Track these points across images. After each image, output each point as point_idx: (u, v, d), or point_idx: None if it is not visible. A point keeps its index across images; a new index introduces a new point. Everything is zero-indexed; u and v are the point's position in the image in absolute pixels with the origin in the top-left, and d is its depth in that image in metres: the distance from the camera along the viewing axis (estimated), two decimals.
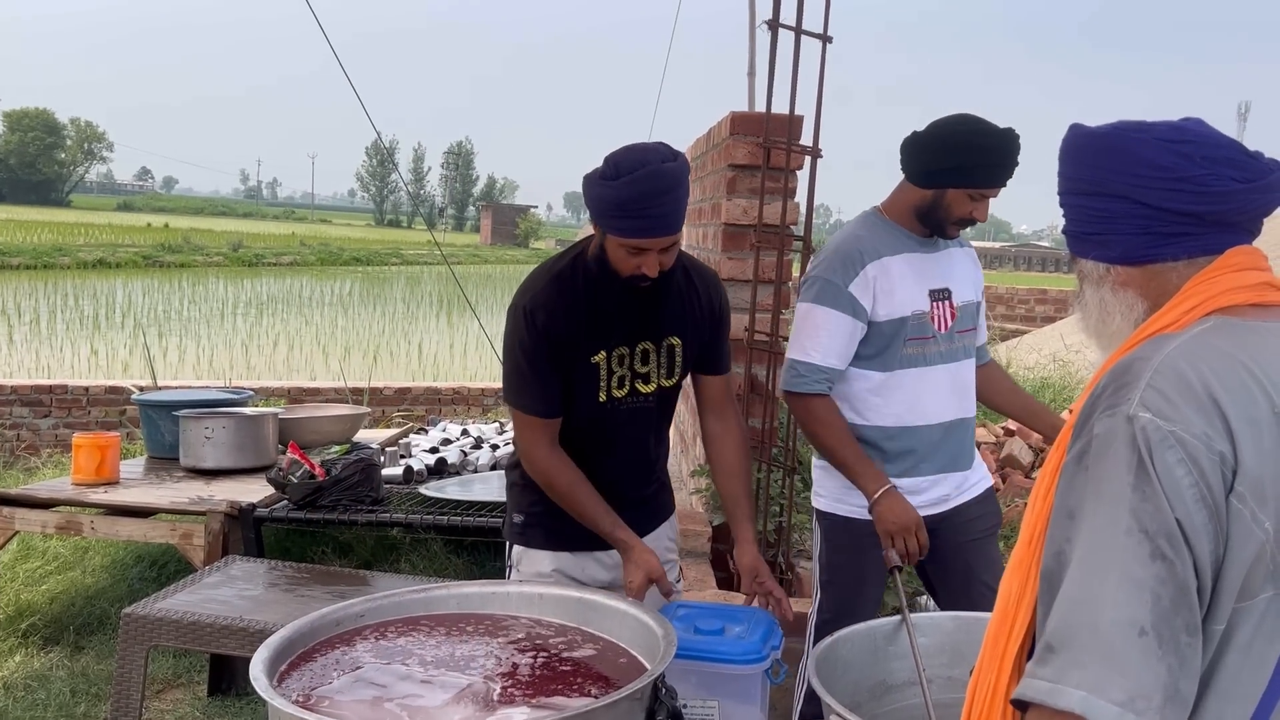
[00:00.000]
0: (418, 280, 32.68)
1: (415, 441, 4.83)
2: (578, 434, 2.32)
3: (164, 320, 18.23)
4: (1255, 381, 1.03)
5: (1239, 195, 1.13)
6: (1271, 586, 1.00)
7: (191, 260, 34.48)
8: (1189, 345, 1.07)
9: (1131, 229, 1.17)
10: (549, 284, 2.25)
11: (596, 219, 2.14)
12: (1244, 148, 1.16)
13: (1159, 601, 0.96)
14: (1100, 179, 1.19)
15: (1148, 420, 1.00)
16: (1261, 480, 0.99)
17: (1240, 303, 1.13)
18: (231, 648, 2.84)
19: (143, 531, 3.76)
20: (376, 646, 1.86)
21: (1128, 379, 1.06)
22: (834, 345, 2.45)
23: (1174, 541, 0.97)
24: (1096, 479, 1.02)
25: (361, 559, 4.34)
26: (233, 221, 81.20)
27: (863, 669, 2.05)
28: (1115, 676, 0.95)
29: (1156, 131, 1.16)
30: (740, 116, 3.57)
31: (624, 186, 2.04)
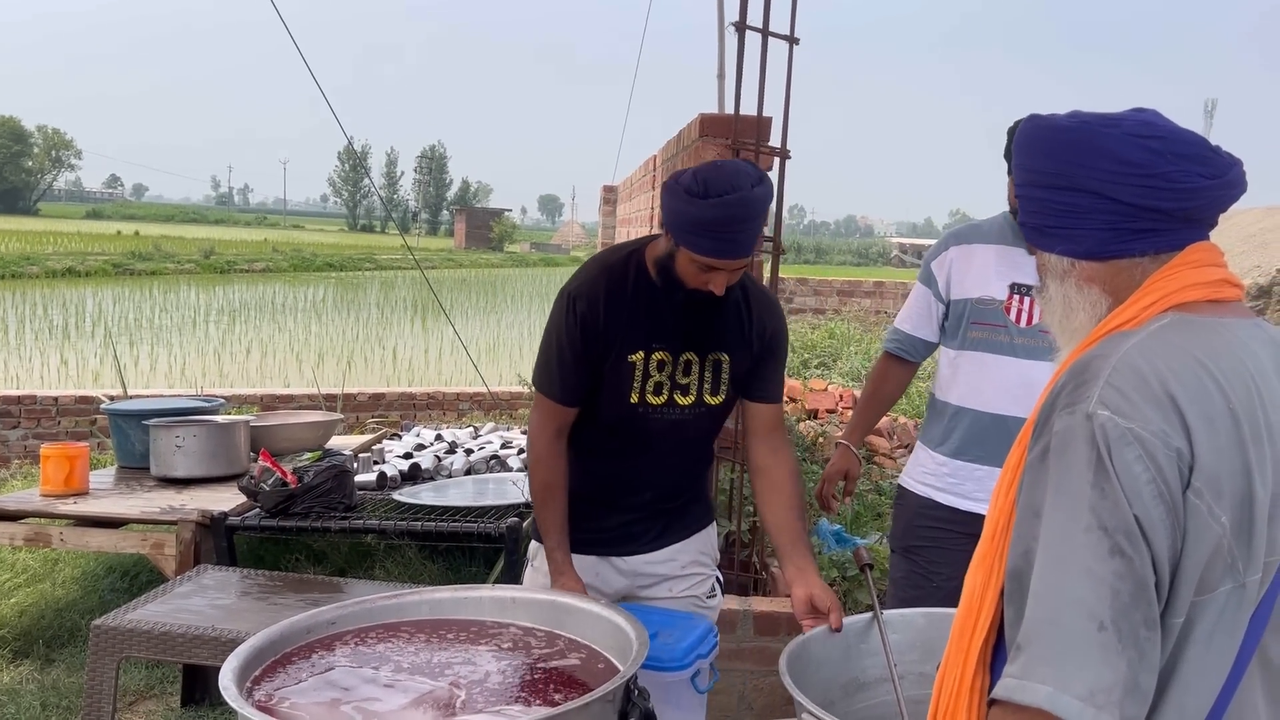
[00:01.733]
0: (392, 285, 32.51)
1: (389, 447, 4.81)
2: (608, 433, 2.30)
3: (135, 329, 18.04)
4: (1211, 378, 1.04)
5: (1206, 192, 1.14)
6: (1230, 579, 1.01)
7: (162, 268, 34.11)
8: (1147, 342, 1.08)
9: (1098, 224, 1.17)
10: (598, 274, 2.24)
11: (672, 231, 2.10)
12: (1207, 142, 1.17)
13: (1118, 597, 0.97)
14: (1067, 173, 1.17)
15: (1106, 418, 1.02)
16: (1218, 475, 1.01)
17: (1197, 299, 1.14)
18: (204, 657, 2.82)
19: (113, 542, 3.72)
20: (355, 652, 1.85)
21: (1086, 377, 1.07)
22: (909, 311, 2.76)
23: (1132, 538, 0.98)
24: (1057, 476, 1.04)
25: (336, 566, 4.32)
26: (204, 228, 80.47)
27: (835, 666, 2.06)
28: (1077, 671, 0.96)
29: (1125, 126, 1.15)
30: (709, 118, 3.58)
31: (712, 208, 2.01)
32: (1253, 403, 1.05)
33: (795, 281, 13.56)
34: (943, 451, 2.64)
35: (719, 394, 2.29)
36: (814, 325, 11.60)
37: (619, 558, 2.35)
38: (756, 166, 2.08)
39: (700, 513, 2.45)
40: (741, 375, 2.31)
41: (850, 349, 9.60)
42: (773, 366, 2.34)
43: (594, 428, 2.30)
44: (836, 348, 9.75)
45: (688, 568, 2.39)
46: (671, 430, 2.29)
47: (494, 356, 15.53)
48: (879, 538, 3.58)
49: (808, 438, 5.07)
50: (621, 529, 2.35)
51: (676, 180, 2.09)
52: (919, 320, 2.73)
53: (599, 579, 2.35)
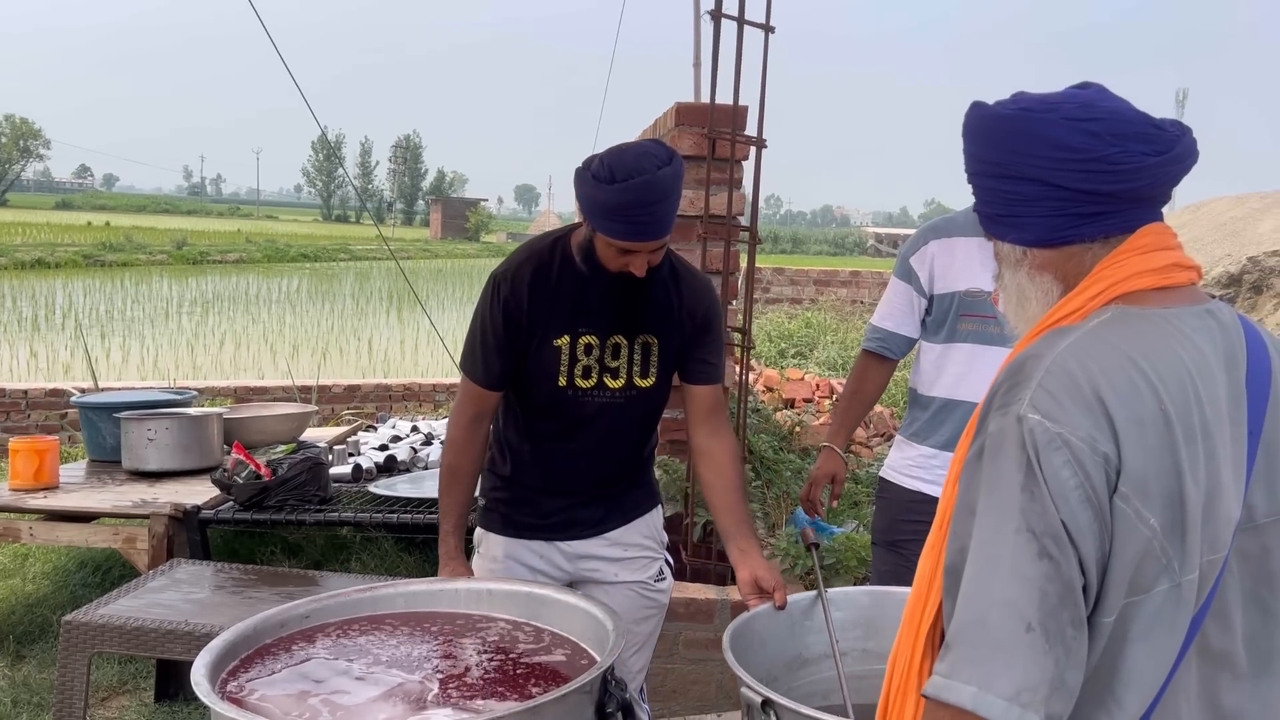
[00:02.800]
0: (367, 276, 32.31)
1: (364, 439, 4.78)
2: (540, 416, 2.32)
3: (106, 320, 17.84)
4: (1144, 378, 1.04)
5: (1152, 170, 1.12)
6: (1166, 579, 1.03)
7: (134, 259, 33.76)
8: (1082, 341, 1.08)
9: (1046, 211, 1.16)
10: (524, 259, 2.26)
11: (586, 216, 2.12)
12: (1150, 118, 1.14)
13: (1046, 598, 0.99)
14: (1010, 162, 1.16)
15: (1036, 422, 1.03)
16: (1145, 479, 1.01)
17: (1145, 287, 1.13)
18: (177, 652, 2.79)
19: (84, 536, 3.68)
20: (336, 644, 1.84)
21: (1020, 378, 1.07)
22: (888, 309, 2.72)
23: (1059, 541, 1.00)
24: (990, 477, 1.05)
25: (311, 559, 4.28)
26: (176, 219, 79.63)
27: (779, 643, 2.11)
28: (1003, 670, 0.98)
29: (1063, 110, 1.13)
30: (685, 107, 3.57)
31: (618, 192, 2.01)
32: (1187, 401, 1.05)
33: (772, 271, 13.58)
34: (931, 444, 2.63)
35: (649, 376, 2.30)
36: (791, 315, 11.62)
37: (564, 542, 2.36)
38: (666, 147, 2.09)
39: (642, 497, 2.46)
40: (673, 357, 2.32)
41: (827, 338, 9.63)
42: (708, 347, 2.34)
43: (527, 413, 2.32)
44: (813, 337, 9.77)
45: (631, 550, 2.39)
46: (603, 413, 2.30)
47: (411, 353, 15.42)
48: (855, 526, 3.59)
49: (784, 427, 5.08)
50: (564, 514, 2.36)
51: (586, 166, 2.10)
52: (900, 317, 2.70)
53: (546, 563, 2.36)
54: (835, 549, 3.21)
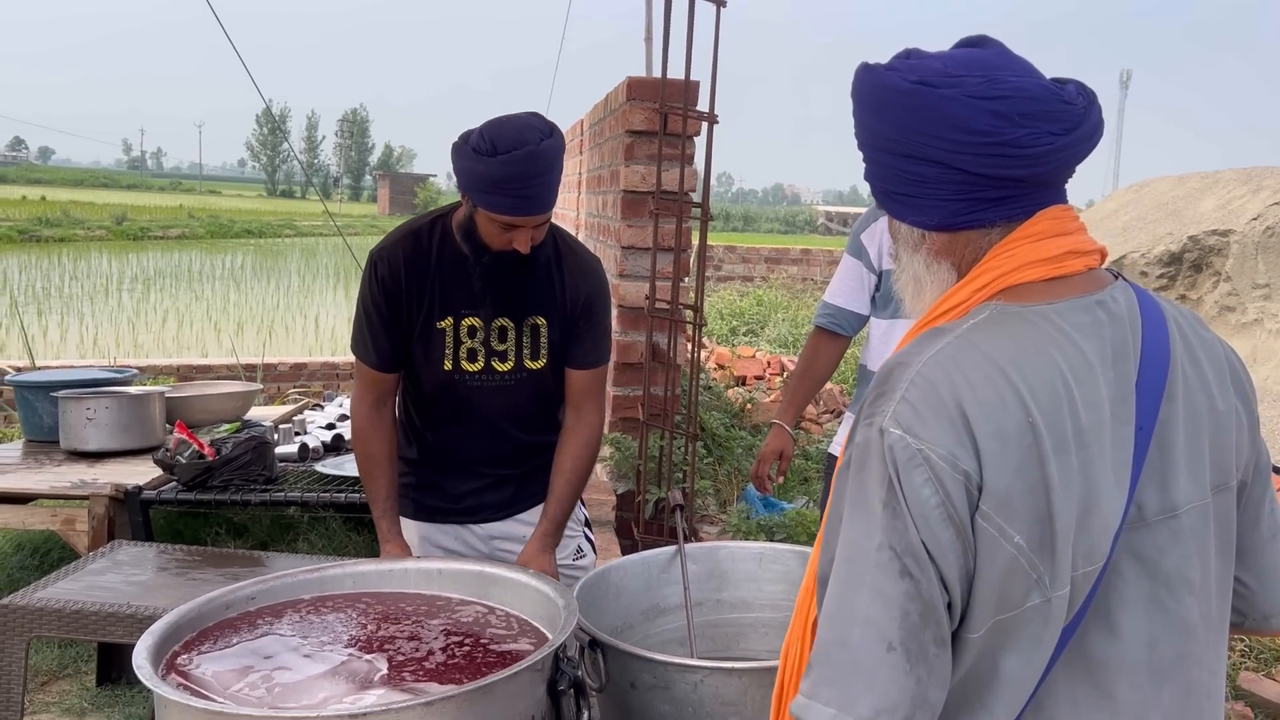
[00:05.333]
0: (313, 252, 31.85)
1: (311, 418, 4.71)
2: (430, 401, 2.29)
3: (43, 298, 17.40)
4: (1011, 390, 0.99)
5: (1059, 151, 1.05)
6: (1037, 594, 0.99)
7: (72, 234, 32.93)
8: (952, 348, 1.03)
9: (947, 194, 1.08)
10: (401, 239, 2.22)
11: (466, 191, 2.07)
12: (1056, 89, 1.06)
13: (907, 617, 0.96)
14: (909, 141, 1.07)
15: (897, 438, 0.99)
16: (1010, 496, 0.97)
17: (1033, 279, 1.07)
18: (119, 635, 2.73)
19: (20, 519, 3.58)
20: (303, 620, 1.83)
21: (886, 388, 1.03)
22: (840, 285, 2.73)
23: (920, 561, 0.97)
24: (855, 490, 1.02)
25: (257, 540, 4.21)
26: (115, 193, 77.73)
27: (636, 594, 2.24)
28: (863, 692, 0.96)
29: (966, 86, 1.04)
30: (637, 82, 3.54)
31: (500, 164, 1.98)
32: (1059, 410, 1.00)
33: (724, 249, 13.61)
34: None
35: (539, 359, 2.27)
36: (742, 293, 11.66)
37: (476, 525, 2.35)
38: (545, 120, 2.06)
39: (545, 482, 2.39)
40: (559, 340, 2.28)
41: (778, 316, 9.67)
42: (587, 331, 2.29)
43: (419, 398, 2.30)
44: (764, 315, 9.81)
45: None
46: (495, 396, 2.27)
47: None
48: (805, 502, 3.62)
49: (735, 404, 5.09)
50: (471, 497, 2.34)
51: (465, 140, 2.06)
52: (851, 293, 2.72)
53: (462, 545, 2.35)
54: (786, 524, 3.23)
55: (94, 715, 3.23)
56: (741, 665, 1.87)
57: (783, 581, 2.41)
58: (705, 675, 1.82)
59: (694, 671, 1.84)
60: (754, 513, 3.35)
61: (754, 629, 2.42)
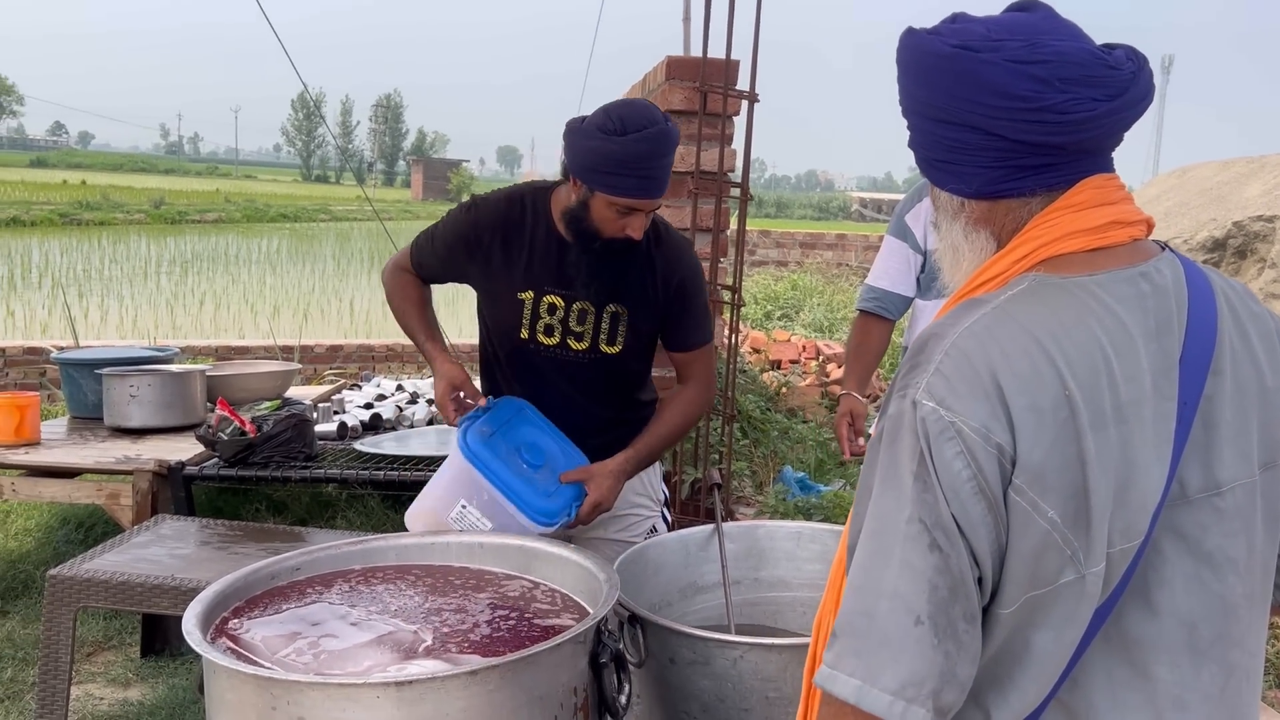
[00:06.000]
0: (347, 237, 32.05)
1: (349, 397, 4.74)
2: (507, 361, 2.32)
3: (84, 280, 17.65)
4: (1048, 362, 0.97)
5: (1103, 118, 1.02)
6: (1072, 570, 0.97)
7: (111, 218, 33.35)
8: (986, 320, 1.01)
9: (987, 161, 1.06)
10: (503, 202, 2.26)
11: (585, 173, 2.04)
12: (1102, 55, 1.03)
13: (936, 591, 0.95)
14: (949, 106, 1.06)
15: (929, 410, 0.97)
16: (1044, 470, 0.96)
17: (1075, 249, 1.04)
18: (164, 606, 2.77)
19: (67, 492, 3.64)
20: (353, 590, 1.85)
21: (921, 359, 1.02)
22: (884, 267, 2.70)
23: (949, 534, 0.96)
24: (886, 463, 1.01)
25: (296, 516, 4.27)
26: (153, 178, 78.66)
27: (674, 571, 2.26)
28: (889, 665, 0.95)
29: (1006, 50, 1.02)
30: (676, 61, 3.52)
31: (632, 143, 1.96)
32: (1098, 384, 0.98)
33: (758, 234, 13.55)
34: None
35: (616, 344, 2.27)
36: (777, 277, 11.61)
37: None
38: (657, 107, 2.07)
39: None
40: (646, 328, 2.28)
41: (813, 300, 9.63)
42: (684, 315, 2.31)
43: (496, 356, 2.34)
44: (799, 299, 9.78)
45: (623, 507, 2.38)
46: (565, 371, 2.28)
47: (454, 309, 15.37)
48: (843, 485, 3.60)
49: (771, 387, 5.08)
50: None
51: (584, 122, 2.04)
52: (897, 275, 2.68)
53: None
54: (823, 506, 3.22)
55: (139, 685, 3.29)
56: (781, 641, 1.87)
57: (820, 560, 2.41)
58: (745, 651, 1.82)
59: (734, 647, 1.84)
60: (791, 494, 3.34)
61: (791, 607, 2.42)
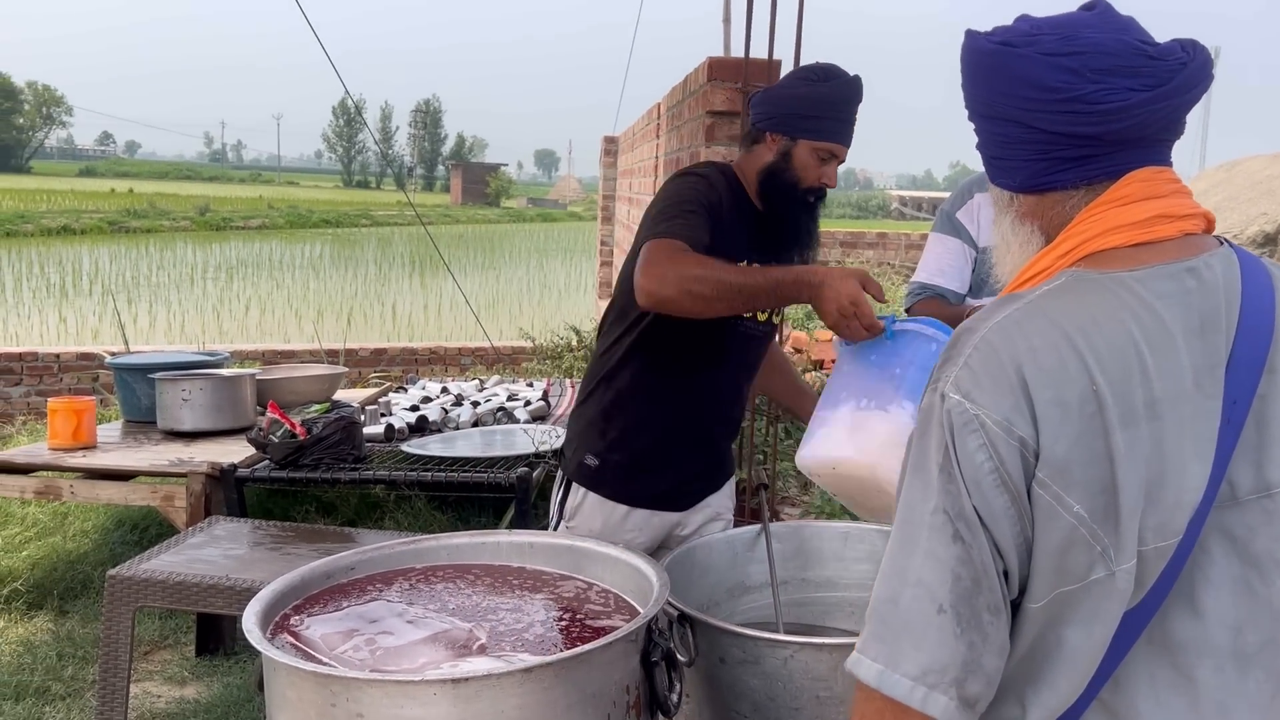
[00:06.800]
0: (389, 241, 32.38)
1: (395, 400, 4.80)
2: (695, 344, 2.22)
3: (132, 286, 18.00)
4: (1076, 356, 0.98)
5: (1139, 109, 1.02)
6: (1103, 567, 0.98)
7: (158, 225, 33.98)
8: (1019, 314, 1.02)
9: (1029, 154, 1.08)
10: (715, 171, 2.21)
11: (789, 121, 2.13)
12: (1144, 47, 1.03)
13: (959, 581, 0.97)
14: (992, 101, 1.09)
15: (955, 402, 0.99)
16: (1068, 464, 0.96)
17: (1120, 244, 1.04)
18: (219, 606, 2.83)
19: (123, 495, 3.72)
20: (413, 588, 1.88)
21: (953, 353, 1.04)
22: (935, 263, 2.65)
23: (971, 526, 0.97)
24: (917, 453, 1.03)
25: (345, 518, 4.33)
26: (198, 185, 80.00)
27: (721, 572, 2.25)
28: (910, 651, 0.97)
29: (1042, 44, 1.04)
30: (717, 62, 3.53)
31: (836, 88, 2.11)
32: (1129, 380, 0.98)
33: None
34: None
35: (779, 314, 2.38)
36: None
37: (675, 512, 2.36)
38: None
39: (730, 458, 2.50)
40: None
41: None
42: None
43: (678, 337, 2.21)
44: None
45: (707, 513, 2.42)
46: (743, 346, 2.30)
47: (494, 313, 15.51)
48: None
49: (814, 388, 5.06)
50: (679, 481, 2.35)
51: (786, 77, 2.18)
52: (952, 272, 2.62)
53: (645, 535, 2.34)
54: None
55: (194, 684, 3.35)
56: (832, 641, 1.87)
57: (868, 561, 2.40)
58: (795, 650, 1.82)
59: (784, 647, 1.84)
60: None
61: (839, 608, 2.42)
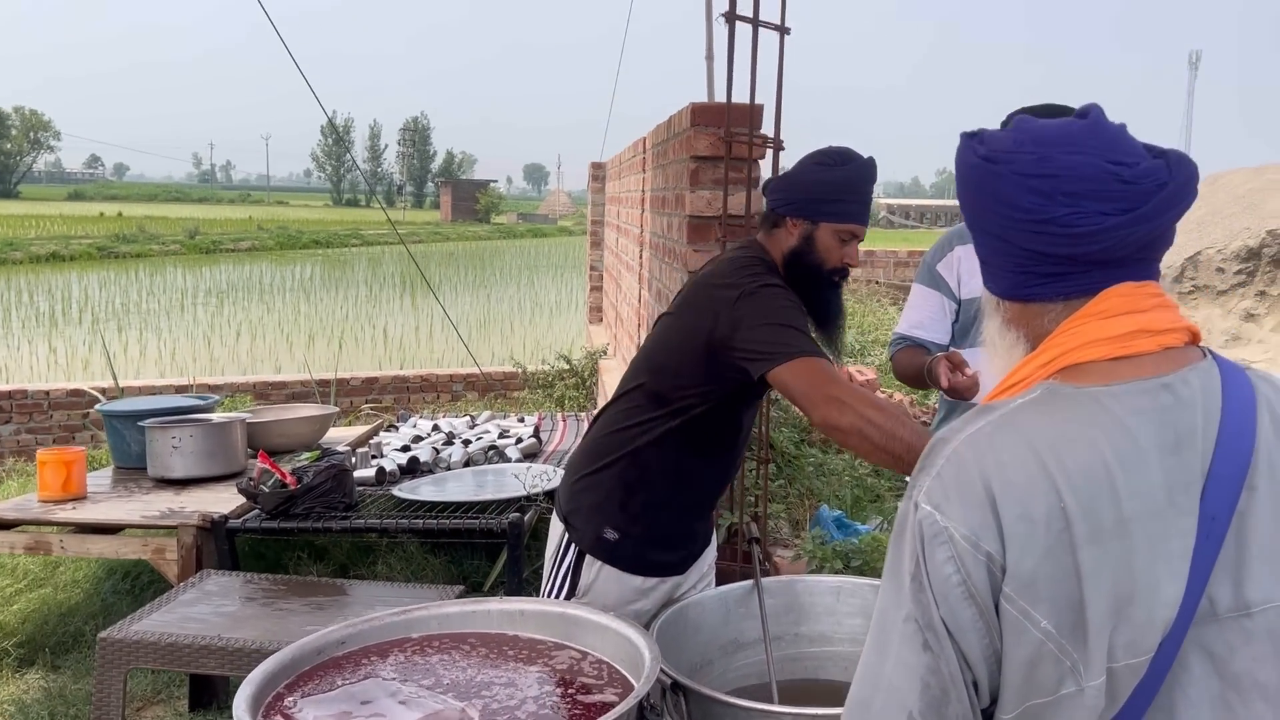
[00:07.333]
0: (379, 261, 32.38)
1: (386, 440, 4.80)
2: (730, 430, 2.25)
3: (122, 314, 17.96)
4: (1045, 474, 0.98)
5: (1113, 231, 1.03)
6: (1073, 682, 0.98)
7: (148, 250, 33.92)
8: (990, 428, 1.03)
9: (1009, 266, 1.10)
10: (767, 270, 2.18)
11: (809, 206, 2.16)
12: (1122, 172, 1.03)
13: (928, 689, 0.99)
14: (975, 212, 1.12)
15: (926, 514, 1.01)
16: (1035, 580, 0.97)
17: (1096, 357, 1.05)
18: (211, 667, 2.83)
19: (114, 548, 3.71)
20: (408, 661, 1.88)
21: (927, 462, 1.05)
22: (915, 316, 2.69)
23: (940, 637, 0.99)
24: (892, 557, 1.05)
25: (338, 563, 4.32)
26: (187, 207, 79.92)
27: (714, 630, 2.27)
28: None
29: (1018, 164, 1.05)
30: (700, 107, 3.55)
31: (853, 170, 2.16)
32: (1098, 498, 0.98)
33: None
34: None
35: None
36: None
37: (677, 575, 2.33)
38: None
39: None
40: None
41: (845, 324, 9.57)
42: None
43: (719, 428, 2.22)
44: None
45: (704, 566, 2.44)
46: (753, 418, 2.37)
47: (485, 333, 15.52)
48: (880, 523, 3.59)
49: (803, 419, 5.07)
50: (689, 544, 2.35)
51: (802, 162, 2.21)
52: (932, 325, 2.66)
53: (651, 602, 2.29)
54: (862, 550, 3.21)
55: None
56: (821, 711, 1.87)
57: (860, 615, 2.41)
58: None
59: (776, 717, 1.85)
60: (829, 537, 3.33)
61: (833, 662, 2.42)
